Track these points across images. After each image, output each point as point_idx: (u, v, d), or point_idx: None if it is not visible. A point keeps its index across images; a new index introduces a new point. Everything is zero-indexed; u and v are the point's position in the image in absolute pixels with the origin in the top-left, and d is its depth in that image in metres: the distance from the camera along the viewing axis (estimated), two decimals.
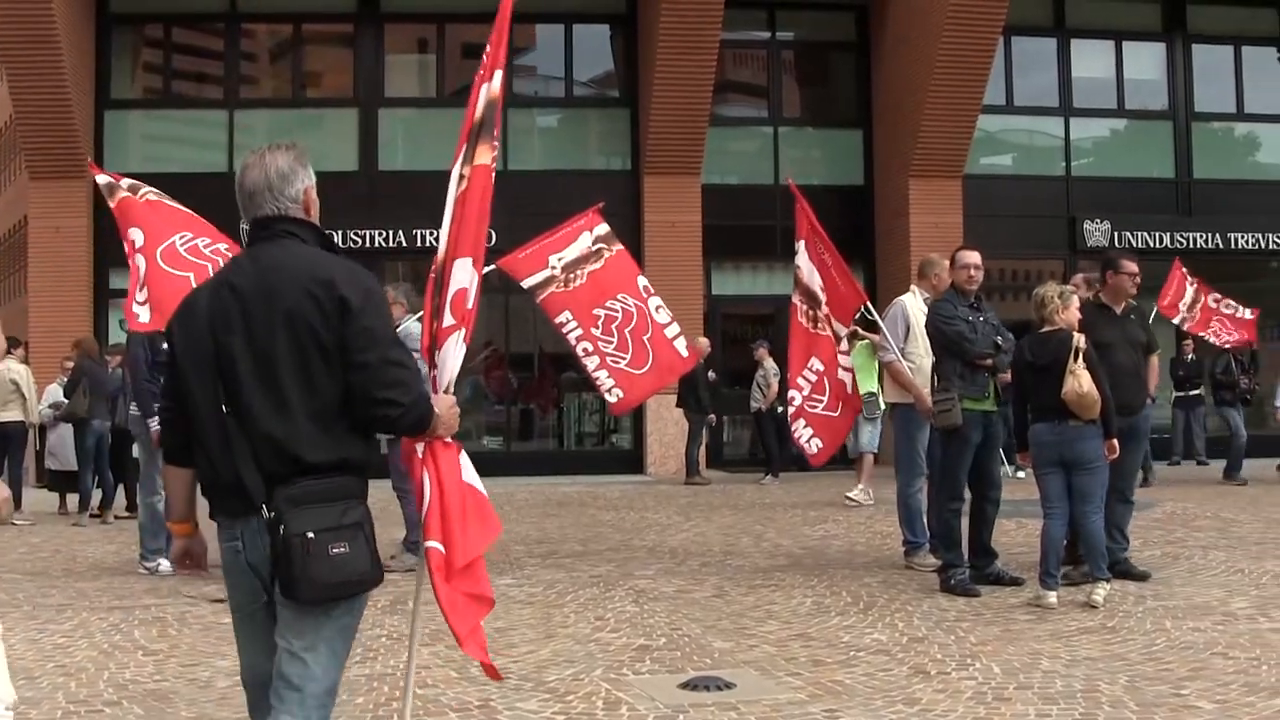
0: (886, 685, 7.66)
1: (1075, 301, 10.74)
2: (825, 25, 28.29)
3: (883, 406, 16.97)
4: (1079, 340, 10.36)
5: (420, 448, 4.99)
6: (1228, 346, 22.23)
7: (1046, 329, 10.51)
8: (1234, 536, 14.41)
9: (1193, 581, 11.31)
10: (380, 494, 6.47)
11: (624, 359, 11.87)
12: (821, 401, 12.82)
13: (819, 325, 12.81)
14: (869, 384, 17.45)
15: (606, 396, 12.35)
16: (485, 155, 5.85)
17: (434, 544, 4.95)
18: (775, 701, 7.31)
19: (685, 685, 7.71)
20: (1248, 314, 21.92)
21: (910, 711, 7.09)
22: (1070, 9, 28.16)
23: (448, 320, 5.44)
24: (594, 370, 12.06)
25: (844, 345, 13.00)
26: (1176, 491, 19.48)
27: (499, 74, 6.04)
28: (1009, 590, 10.90)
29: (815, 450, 12.91)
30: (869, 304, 13.05)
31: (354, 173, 25.24)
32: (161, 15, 26.08)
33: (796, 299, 12.96)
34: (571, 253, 12.07)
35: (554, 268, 11.66)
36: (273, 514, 4.39)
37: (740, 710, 7.15)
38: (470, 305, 5.48)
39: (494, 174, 5.91)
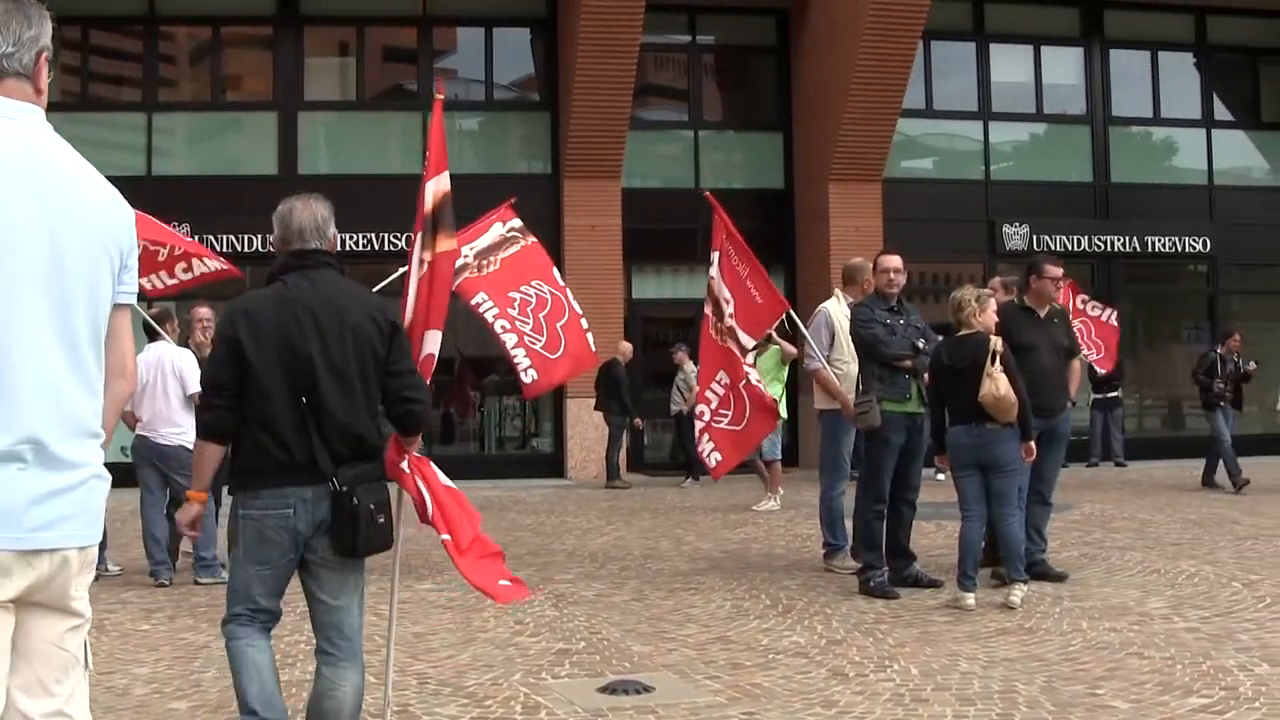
0: (805, 688, 7.69)
1: (992, 304, 10.81)
2: (746, 29, 28.34)
3: (783, 415, 17.32)
4: (996, 343, 10.42)
5: (406, 464, 6.40)
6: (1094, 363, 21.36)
7: (963, 332, 10.57)
8: (1151, 537, 14.55)
9: (1110, 582, 11.42)
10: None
11: (540, 340, 11.78)
12: (726, 416, 12.78)
13: (723, 338, 12.79)
14: (774, 390, 17.66)
15: (522, 376, 12.15)
16: (446, 244, 7.06)
17: (444, 536, 6.49)
18: (694, 705, 7.33)
19: (604, 689, 7.71)
20: (1113, 320, 21.50)
21: (828, 714, 7.12)
22: (989, 14, 28.33)
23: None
24: (512, 348, 11.91)
25: (749, 358, 13.00)
26: (1094, 493, 19.64)
27: (445, 174, 7.34)
28: (927, 592, 10.97)
29: (714, 464, 12.84)
30: (792, 311, 13.06)
31: (274, 176, 25.02)
32: (79, 17, 25.78)
33: (708, 310, 12.95)
34: (484, 241, 12.01)
35: (466, 256, 11.60)
36: (345, 488, 5.63)
37: (659, 714, 7.17)
38: (433, 365, 6.81)
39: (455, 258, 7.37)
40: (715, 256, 12.95)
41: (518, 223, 12.32)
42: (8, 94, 3.53)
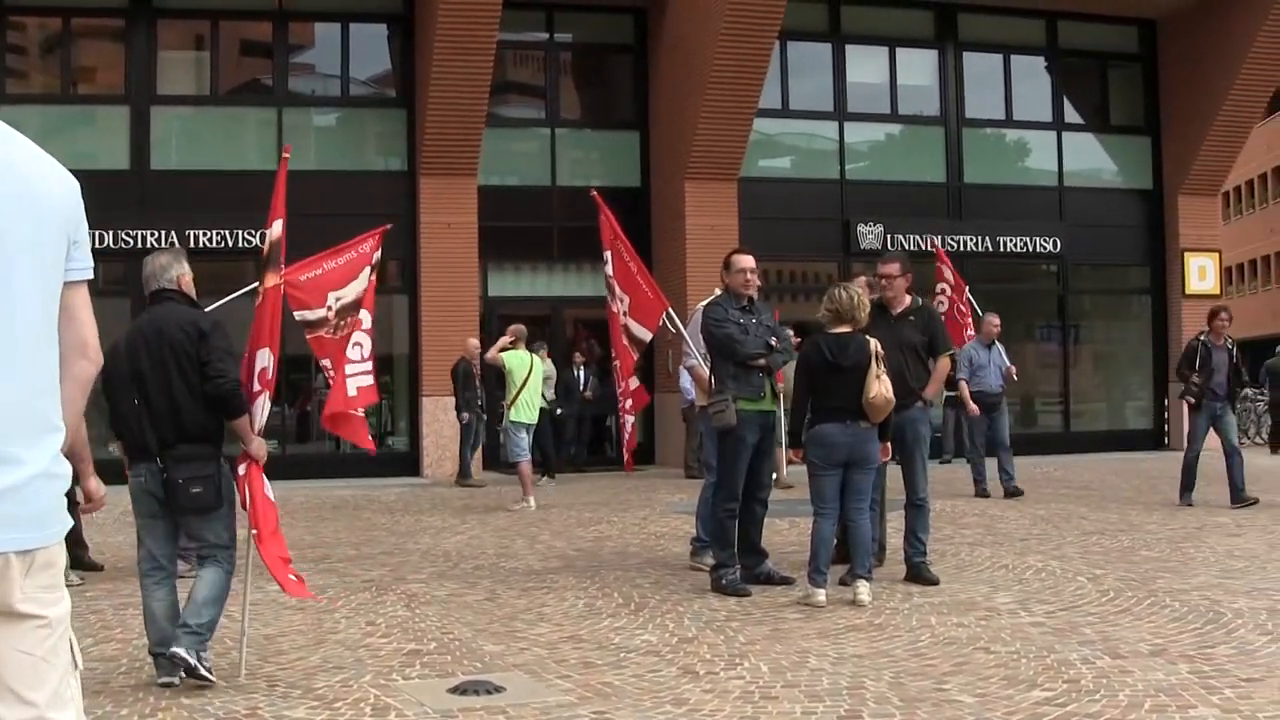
0: (655, 686, 7.71)
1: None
2: (603, 28, 28.36)
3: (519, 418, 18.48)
4: (876, 344, 10.54)
5: (243, 469, 8.15)
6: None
7: (842, 330, 10.59)
8: (1000, 533, 14.77)
9: (958, 578, 11.57)
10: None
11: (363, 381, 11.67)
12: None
13: (620, 337, 12.92)
14: (511, 392, 18.70)
15: (348, 388, 11.95)
16: (273, 280, 8.64)
17: (253, 530, 8.13)
18: (544, 704, 7.33)
19: (455, 690, 7.69)
20: (968, 324, 20.70)
21: (678, 712, 7.14)
22: (845, 15, 28.56)
23: (255, 387, 8.25)
24: (366, 356, 11.77)
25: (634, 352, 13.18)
26: (947, 490, 19.82)
27: (279, 222, 8.84)
28: (779, 589, 11.05)
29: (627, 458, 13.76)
30: (670, 310, 13.08)
31: (125, 171, 24.69)
32: None
33: (614, 307, 13.01)
34: (349, 294, 11.74)
35: (330, 308, 11.32)
36: (163, 465, 7.81)
37: (509, 714, 7.16)
38: (270, 377, 8.36)
39: (281, 292, 8.83)
40: (608, 255, 13.01)
41: (379, 255, 12.17)
42: None
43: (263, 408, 8.29)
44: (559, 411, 23.82)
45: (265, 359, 8.35)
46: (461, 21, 23.22)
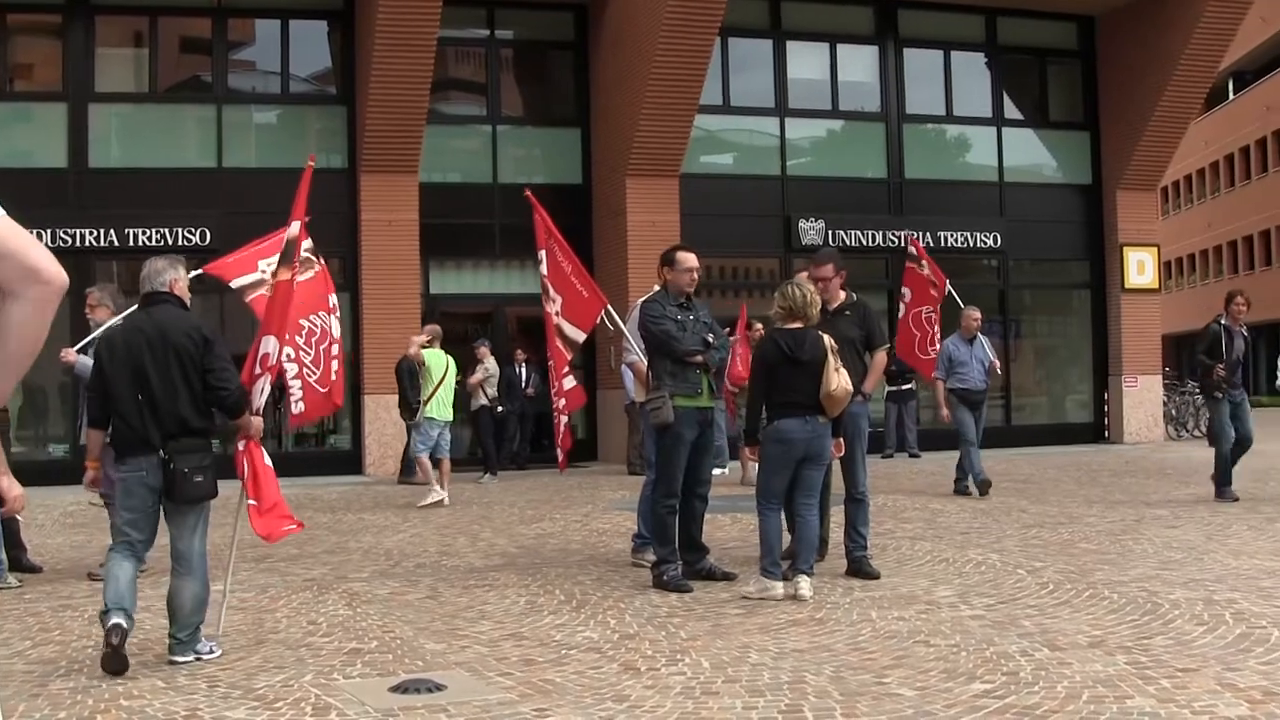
0: (597, 683, 7.71)
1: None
2: (544, 24, 28.35)
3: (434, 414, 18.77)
4: (829, 339, 10.58)
5: (243, 445, 8.91)
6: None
7: (795, 325, 10.61)
8: (941, 527, 14.84)
9: (900, 572, 11.62)
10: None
11: (315, 374, 11.77)
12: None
13: (553, 336, 12.93)
14: (427, 389, 19.01)
15: (293, 406, 12.03)
16: (285, 274, 9.51)
17: (251, 501, 8.92)
18: (485, 702, 7.31)
19: (396, 688, 7.67)
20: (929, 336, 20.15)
21: (619, 708, 7.14)
22: (786, 12, 28.65)
23: (256, 370, 9.05)
24: (291, 378, 11.85)
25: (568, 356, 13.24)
26: (888, 484, 19.95)
27: (298, 223, 9.81)
28: (721, 585, 11.06)
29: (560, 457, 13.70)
30: (609, 307, 13.08)
31: (63, 169, 24.54)
32: None
33: (548, 307, 13.03)
34: (277, 259, 11.87)
35: (263, 272, 11.49)
36: (168, 456, 8.29)
37: (450, 712, 7.14)
38: (273, 363, 9.18)
39: (292, 286, 9.62)
40: (542, 255, 13.01)
41: (310, 244, 12.25)
42: None
43: (262, 390, 9.11)
44: (499, 409, 23.79)
45: (270, 345, 9.20)
46: (402, 18, 23.18)
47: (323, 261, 12.13)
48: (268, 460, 9.05)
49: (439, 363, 19.21)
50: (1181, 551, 12.43)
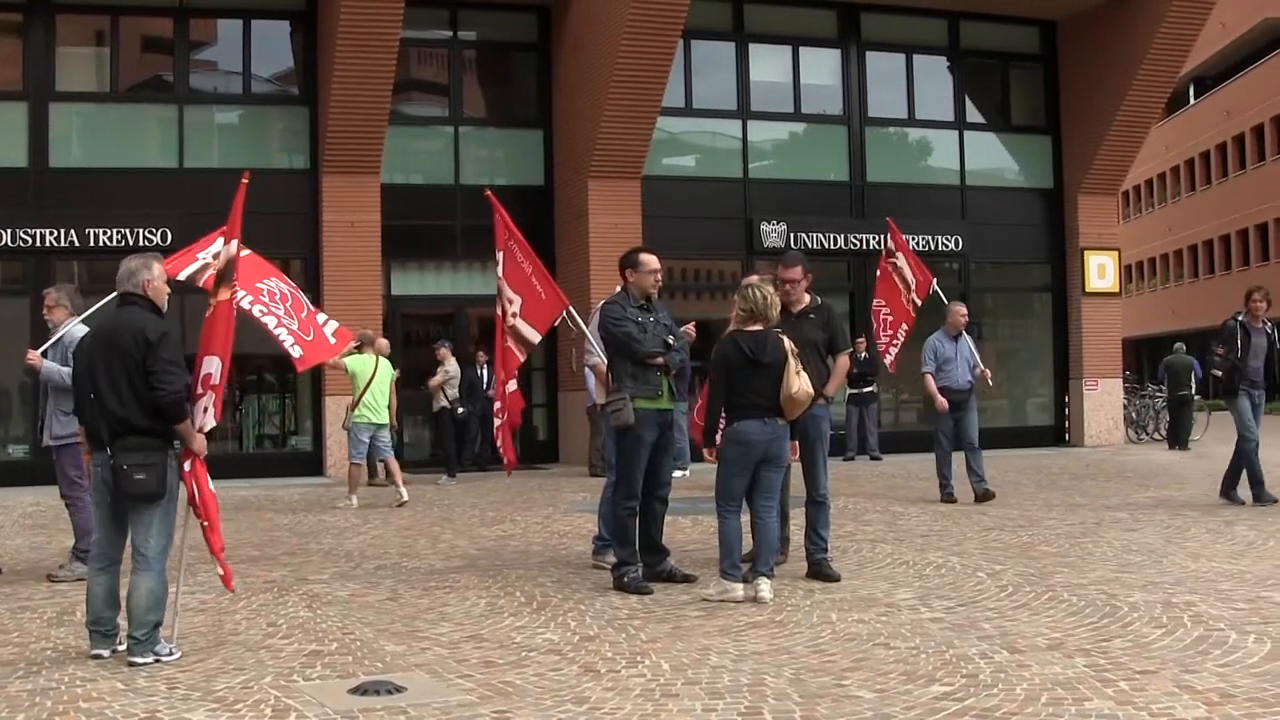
0: (557, 685, 7.70)
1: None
2: (507, 26, 28.33)
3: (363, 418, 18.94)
4: (789, 342, 10.60)
5: (188, 464, 8.79)
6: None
7: (756, 327, 10.62)
8: (901, 530, 14.87)
9: (860, 574, 11.63)
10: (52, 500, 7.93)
11: (294, 323, 12.08)
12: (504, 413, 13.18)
13: (506, 337, 12.89)
14: (354, 395, 19.22)
15: (290, 351, 12.40)
16: (225, 294, 9.28)
17: (204, 522, 8.88)
18: (445, 704, 7.30)
19: (355, 690, 7.65)
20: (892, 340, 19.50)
21: (579, 710, 7.14)
22: (749, 14, 28.71)
23: (199, 389, 8.85)
24: (274, 328, 12.15)
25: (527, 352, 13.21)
26: (849, 487, 19.99)
27: (235, 241, 9.61)
28: (681, 587, 11.06)
29: (506, 460, 13.51)
30: (571, 308, 13.06)
31: (23, 169, 24.43)
32: None
33: (499, 309, 13.02)
34: (214, 247, 12.23)
35: (205, 259, 11.80)
36: (112, 455, 8.46)
37: (410, 714, 7.13)
38: (215, 382, 8.92)
39: (234, 306, 9.48)
40: (500, 256, 12.99)
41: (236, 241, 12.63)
42: None
43: (205, 409, 8.89)
44: (460, 411, 23.75)
45: (212, 365, 8.97)
46: (364, 19, 23.13)
47: (246, 250, 12.55)
48: (210, 485, 8.95)
49: (364, 368, 19.30)
50: (1141, 554, 12.48)
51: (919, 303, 19.43)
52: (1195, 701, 6.99)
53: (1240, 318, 16.76)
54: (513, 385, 13.38)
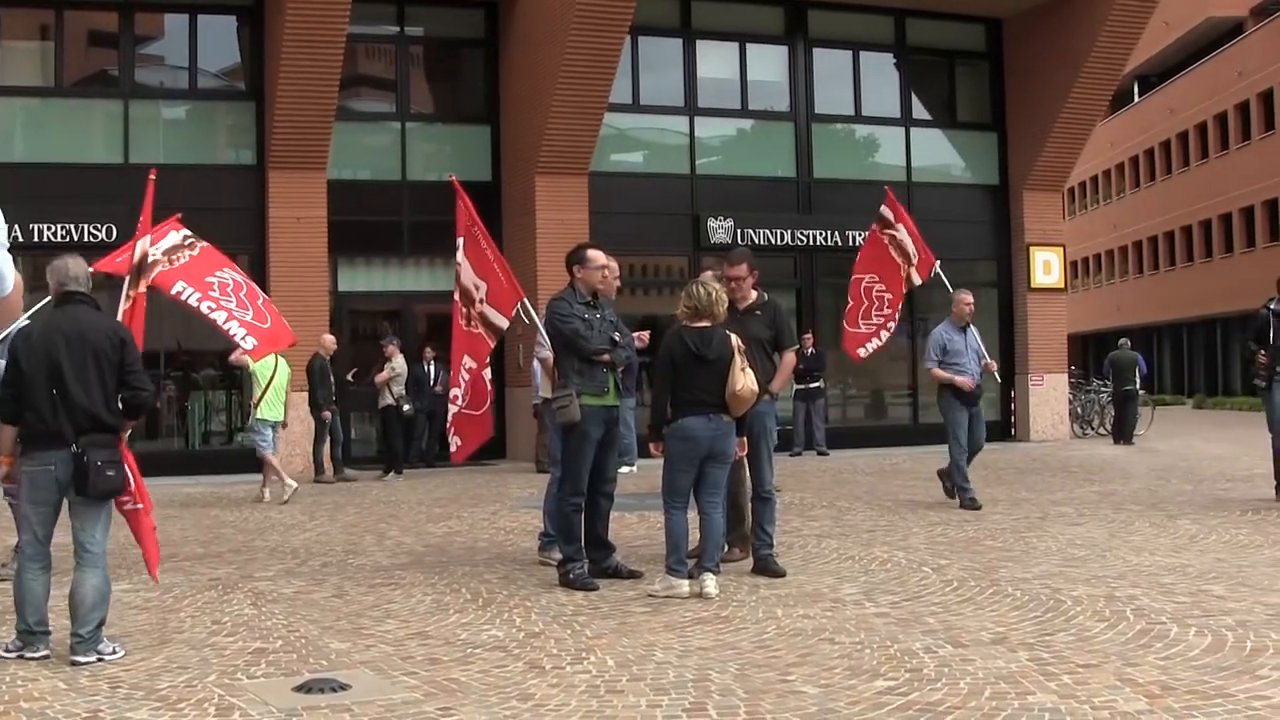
0: (502, 681, 7.71)
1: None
2: (454, 21, 28.26)
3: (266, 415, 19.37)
4: (736, 339, 10.62)
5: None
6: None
7: (703, 324, 10.64)
8: (847, 525, 14.91)
9: (806, 570, 11.66)
10: None
11: (247, 313, 12.27)
12: (468, 399, 13.09)
13: (472, 324, 12.87)
14: (255, 393, 19.69)
15: (241, 344, 12.73)
16: (143, 286, 10.05)
17: (138, 505, 9.06)
18: (390, 702, 7.29)
19: (300, 688, 7.63)
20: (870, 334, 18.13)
21: (524, 707, 7.14)
22: (696, 11, 28.74)
23: None
24: (223, 323, 12.41)
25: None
26: (796, 482, 20.03)
27: (149, 237, 10.30)
28: (627, 583, 11.07)
29: (455, 447, 13.24)
30: (525, 300, 13.05)
31: None
32: None
33: (457, 297, 13.02)
34: (167, 242, 12.38)
35: (155, 254, 11.88)
36: (81, 450, 8.44)
37: (354, 711, 7.12)
38: None
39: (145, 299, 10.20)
40: (460, 243, 12.97)
41: (188, 232, 12.83)
42: None
43: None
44: (406, 408, 23.71)
45: None
46: (311, 14, 23.04)
47: (203, 242, 12.67)
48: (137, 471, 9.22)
49: (266, 365, 19.46)
50: (1085, 549, 12.55)
51: (917, 282, 18.39)
52: (1136, 694, 7.05)
53: (1273, 305, 15.85)
54: (488, 373, 13.27)
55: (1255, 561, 11.62)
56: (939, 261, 18.12)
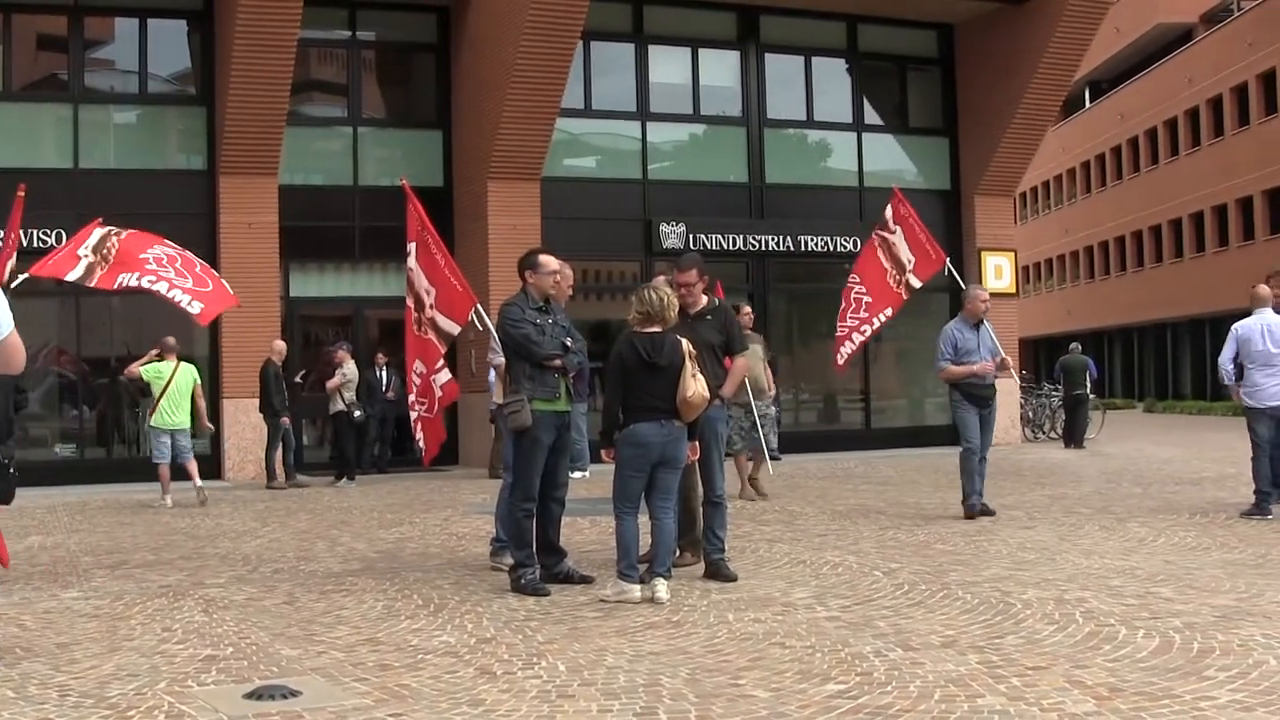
0: (453, 687, 7.69)
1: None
2: (406, 26, 28.26)
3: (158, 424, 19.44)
4: (688, 345, 10.63)
5: None
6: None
7: (654, 329, 10.65)
8: (799, 529, 14.93)
9: (757, 574, 11.66)
10: None
11: (187, 280, 12.44)
12: (424, 404, 13.15)
13: (423, 329, 12.88)
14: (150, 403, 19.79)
15: (188, 309, 12.85)
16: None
17: None
18: (341, 708, 7.27)
19: (250, 695, 7.59)
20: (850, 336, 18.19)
21: (475, 713, 7.12)
22: (648, 16, 28.79)
23: None
24: (166, 292, 12.58)
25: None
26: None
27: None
28: (578, 589, 11.05)
29: (421, 451, 13.54)
30: (479, 307, 13.04)
31: None
32: None
33: (409, 302, 13.03)
34: (92, 240, 12.56)
35: (86, 256, 12.01)
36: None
37: (305, 718, 7.09)
38: None
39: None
40: (412, 248, 12.98)
41: (112, 226, 13.13)
42: None
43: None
44: (357, 414, 23.66)
45: None
46: (262, 19, 23.00)
47: (126, 229, 12.91)
48: None
49: (160, 375, 19.71)
50: (1034, 552, 12.61)
51: (916, 285, 18.09)
52: (1085, 696, 7.08)
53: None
54: (446, 375, 13.28)
55: (1203, 564, 11.69)
56: (948, 259, 18.25)
